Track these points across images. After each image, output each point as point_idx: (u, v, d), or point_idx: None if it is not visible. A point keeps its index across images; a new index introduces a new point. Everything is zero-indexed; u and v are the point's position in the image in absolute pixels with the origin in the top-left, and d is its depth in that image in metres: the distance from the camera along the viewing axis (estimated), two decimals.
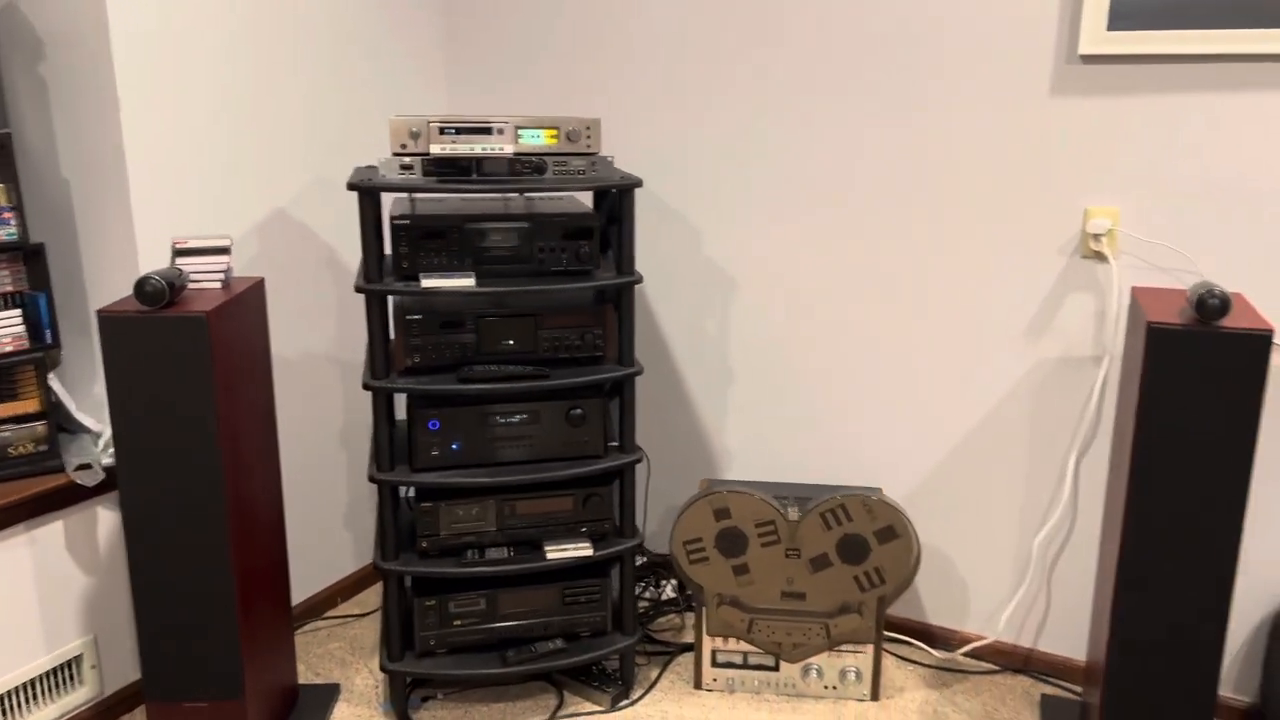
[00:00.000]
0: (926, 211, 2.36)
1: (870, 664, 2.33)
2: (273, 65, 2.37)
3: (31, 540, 2.05)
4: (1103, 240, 2.18)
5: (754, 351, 2.63)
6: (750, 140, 2.51)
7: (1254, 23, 1.98)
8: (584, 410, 2.15)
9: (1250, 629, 2.22)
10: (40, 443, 2.11)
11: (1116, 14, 2.08)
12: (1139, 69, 2.09)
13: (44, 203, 2.19)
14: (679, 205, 2.63)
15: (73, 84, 2.09)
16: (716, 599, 2.32)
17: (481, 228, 2.06)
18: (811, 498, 2.32)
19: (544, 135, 2.04)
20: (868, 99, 2.36)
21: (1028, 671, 2.47)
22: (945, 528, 2.51)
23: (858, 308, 2.48)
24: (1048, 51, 2.17)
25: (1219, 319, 1.70)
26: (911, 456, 2.51)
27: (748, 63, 2.47)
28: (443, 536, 2.16)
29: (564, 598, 2.25)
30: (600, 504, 2.21)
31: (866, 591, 2.27)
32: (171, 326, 1.77)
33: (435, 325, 2.07)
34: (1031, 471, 2.38)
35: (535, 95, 2.76)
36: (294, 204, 2.48)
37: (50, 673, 2.13)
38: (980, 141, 2.27)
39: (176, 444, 1.82)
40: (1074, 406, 2.31)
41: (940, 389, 2.44)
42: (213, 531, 1.87)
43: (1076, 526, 2.36)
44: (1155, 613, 1.83)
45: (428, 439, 2.09)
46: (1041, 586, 2.43)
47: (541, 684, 2.39)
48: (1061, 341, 2.29)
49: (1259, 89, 2.01)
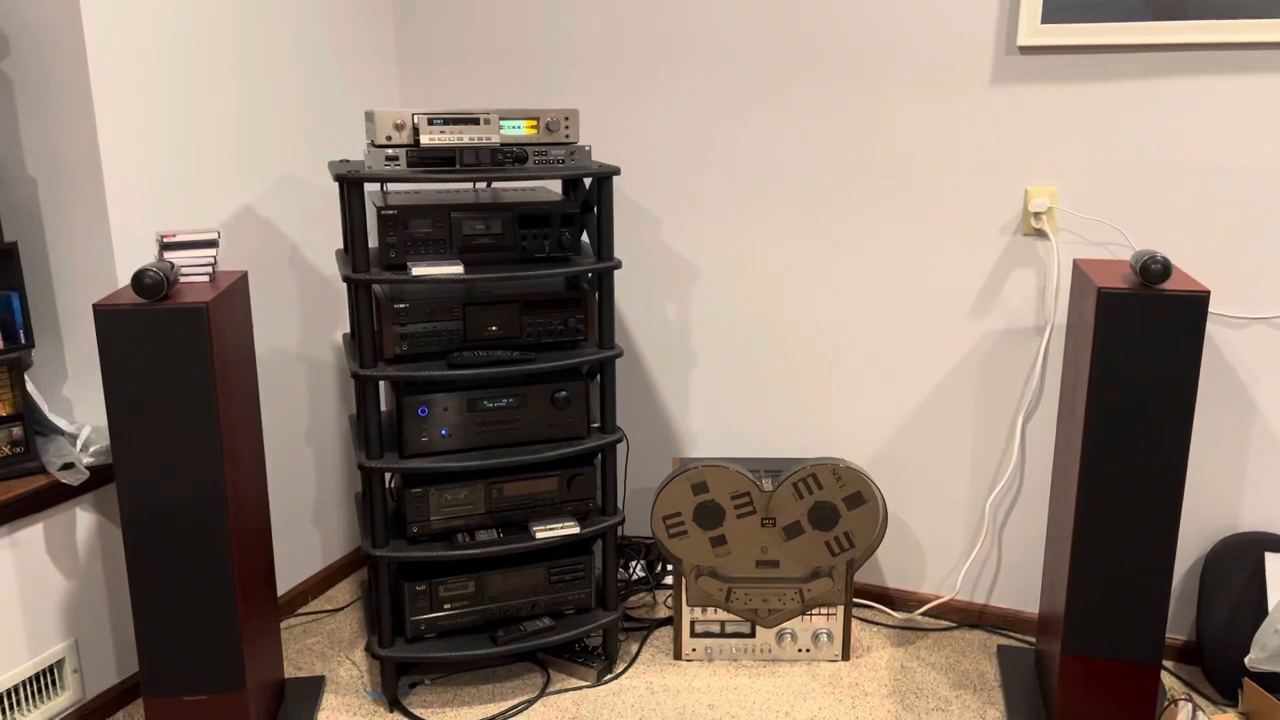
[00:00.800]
0: (876, 197, 2.50)
1: (840, 626, 2.45)
2: (238, 62, 2.37)
3: (13, 543, 2.02)
4: (1043, 218, 2.36)
5: (714, 335, 2.73)
6: (705, 132, 2.62)
7: (1175, 15, 2.17)
8: (568, 393, 2.22)
9: (1184, 572, 2.42)
10: (16, 445, 2.08)
11: (1051, 8, 2.25)
12: (1073, 58, 2.27)
13: (8, 202, 2.16)
14: (636, 196, 2.72)
15: (41, 82, 2.06)
16: (695, 570, 2.42)
17: (467, 216, 2.11)
18: (781, 470, 2.43)
19: (524, 126, 2.10)
20: (818, 92, 2.49)
21: (982, 626, 2.64)
22: (901, 495, 2.66)
23: (813, 289, 2.61)
24: (988, 43, 2.33)
25: (1161, 282, 1.87)
26: (868, 429, 2.65)
27: (700, 58, 2.58)
28: (433, 522, 2.20)
29: (550, 577, 2.32)
30: (584, 483, 2.28)
31: (837, 556, 2.39)
32: (170, 318, 1.77)
33: (423, 313, 2.11)
34: (981, 437, 2.55)
35: (489, 91, 2.81)
36: (259, 201, 2.48)
37: (33, 678, 2.09)
38: (926, 129, 2.42)
39: (175, 437, 1.82)
40: (1019, 374, 2.48)
41: (893, 364, 2.58)
42: (213, 523, 1.87)
43: (1024, 486, 2.53)
44: (1109, 558, 1.99)
45: (417, 425, 2.13)
46: (993, 545, 2.60)
47: (527, 664, 2.45)
48: (1006, 314, 2.46)
49: (1181, 75, 2.20)
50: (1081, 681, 2.06)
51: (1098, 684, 2.05)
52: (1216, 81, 2.18)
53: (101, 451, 2.11)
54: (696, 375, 2.78)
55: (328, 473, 2.82)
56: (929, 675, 2.41)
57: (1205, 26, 2.15)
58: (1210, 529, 2.38)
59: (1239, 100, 2.18)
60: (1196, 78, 2.20)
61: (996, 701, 2.30)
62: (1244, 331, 2.28)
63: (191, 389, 1.81)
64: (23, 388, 2.08)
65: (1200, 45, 2.17)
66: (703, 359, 2.76)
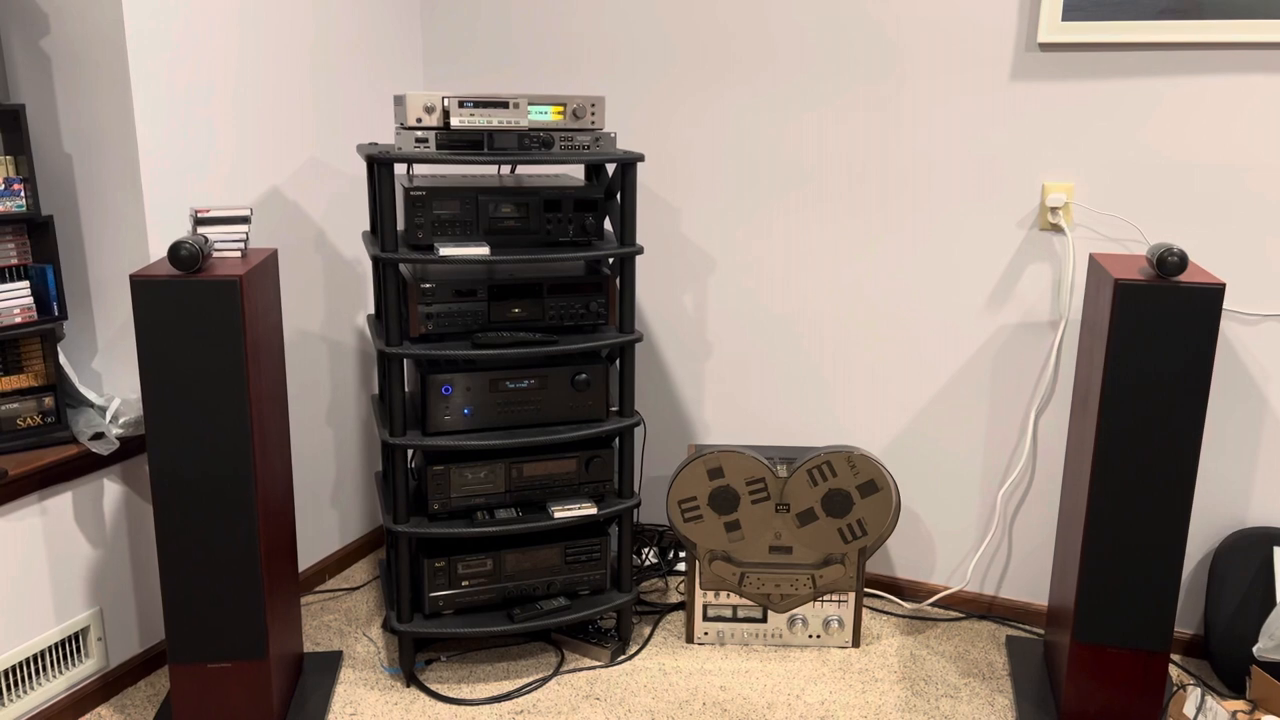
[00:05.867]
0: (894, 190, 2.53)
1: (851, 613, 2.48)
2: (270, 47, 2.42)
3: (43, 510, 2.06)
4: (1059, 213, 2.39)
5: (730, 325, 2.77)
6: (725, 124, 2.65)
7: (1194, 14, 2.20)
8: (588, 375, 2.25)
9: (1192, 566, 2.45)
10: (47, 415, 2.12)
11: (1071, 6, 2.28)
12: (1092, 56, 2.30)
13: (45, 177, 2.20)
14: (655, 186, 2.76)
15: (80, 59, 2.10)
16: (709, 555, 2.45)
17: (494, 199, 2.15)
18: (796, 457, 2.46)
19: (551, 111, 2.14)
20: (841, 86, 2.53)
21: (991, 617, 2.66)
22: (914, 485, 2.69)
23: (829, 281, 2.64)
24: (1009, 41, 2.36)
25: (1177, 275, 1.90)
26: (882, 419, 2.68)
27: (724, 51, 2.61)
28: (453, 499, 2.23)
29: (566, 557, 2.35)
30: (602, 465, 2.32)
31: (849, 543, 2.43)
32: (204, 290, 1.81)
33: (448, 294, 2.15)
34: (994, 429, 2.58)
35: (512, 79, 2.85)
36: (287, 183, 2.52)
37: (58, 645, 2.13)
38: (946, 125, 2.45)
39: (207, 408, 1.86)
40: (1033, 367, 2.51)
41: (908, 356, 2.62)
42: (241, 493, 1.91)
43: (1035, 479, 2.56)
44: (1120, 547, 2.02)
45: (440, 404, 2.17)
46: (1003, 537, 2.63)
47: (541, 643, 2.49)
48: (1021, 308, 2.49)
49: (1199, 74, 2.23)
50: (1091, 669, 2.09)
51: (1107, 672, 2.08)
52: (1234, 80, 2.21)
53: (130, 423, 2.15)
54: (712, 364, 2.81)
55: (347, 454, 2.86)
56: (938, 663, 2.44)
57: (1224, 26, 2.18)
58: (1219, 523, 2.41)
59: (1256, 99, 2.21)
60: (1214, 76, 2.23)
61: (1005, 690, 2.33)
62: (1257, 328, 2.30)
63: (223, 360, 1.85)
64: (55, 359, 2.12)
65: (1219, 44, 2.20)
66: (718, 348, 2.79)
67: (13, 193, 2.03)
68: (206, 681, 2.00)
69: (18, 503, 2.01)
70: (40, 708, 2.10)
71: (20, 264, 2.10)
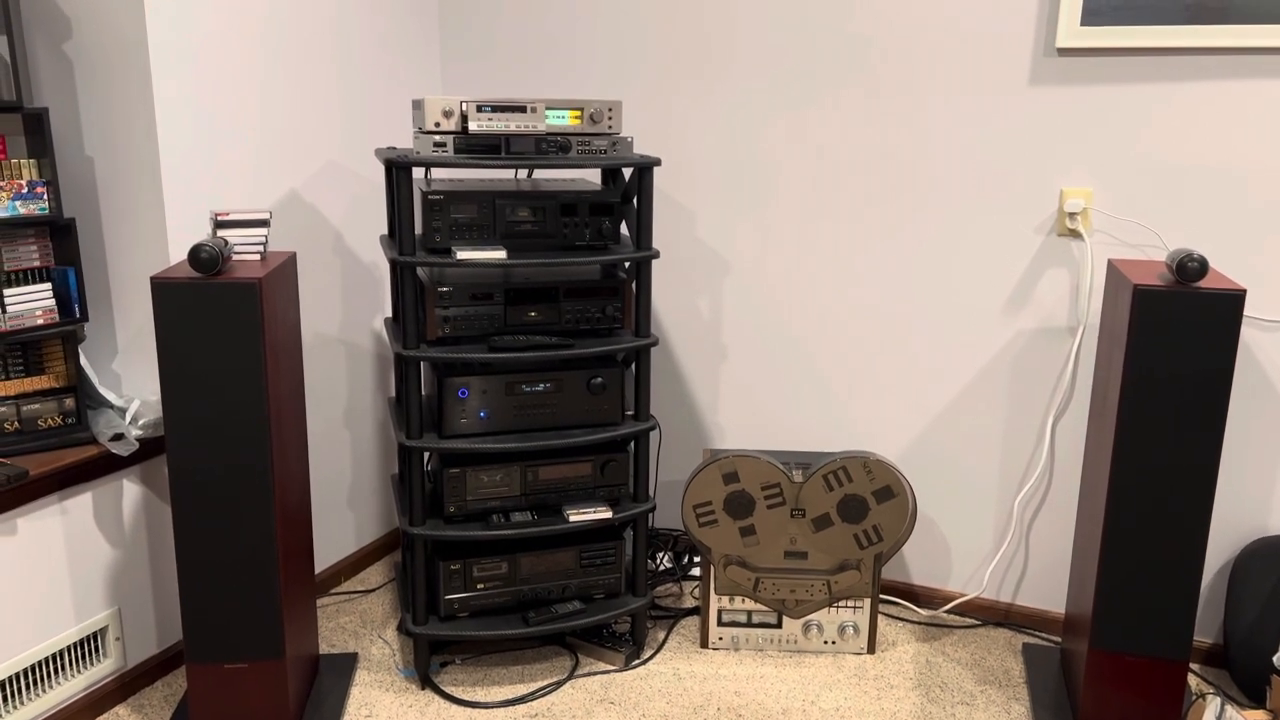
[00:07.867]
0: (913, 194, 2.53)
1: (867, 619, 2.47)
2: (290, 51, 2.43)
3: (63, 510, 2.08)
4: (1077, 219, 2.38)
5: (745, 330, 2.77)
6: (741, 129, 2.65)
7: (1213, 20, 2.19)
8: (604, 379, 2.25)
9: (1211, 575, 2.43)
10: (68, 415, 2.14)
11: (1089, 10, 2.27)
12: (1111, 61, 2.29)
13: (66, 180, 2.22)
14: (672, 191, 2.76)
15: (101, 63, 2.12)
16: (724, 559, 2.45)
17: (511, 203, 2.15)
18: (812, 462, 2.46)
19: (569, 116, 2.14)
20: (857, 90, 2.52)
21: (1008, 625, 2.65)
22: (930, 492, 2.68)
23: (846, 286, 2.64)
24: (1027, 45, 2.35)
25: (1198, 280, 1.89)
26: (898, 425, 2.67)
27: (741, 56, 2.62)
28: (469, 502, 2.24)
29: (581, 560, 2.35)
30: (618, 469, 2.32)
31: (865, 549, 2.42)
32: (224, 293, 1.83)
33: (465, 297, 2.15)
34: (1011, 436, 2.56)
35: (529, 83, 2.86)
36: (305, 187, 2.54)
37: (77, 644, 2.15)
38: (964, 129, 2.45)
39: (226, 410, 1.88)
40: (1051, 374, 2.49)
41: (925, 361, 2.61)
42: (259, 496, 1.92)
43: (1053, 486, 2.55)
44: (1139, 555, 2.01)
45: (457, 407, 2.18)
46: (1020, 544, 2.61)
47: (555, 647, 2.49)
48: (1038, 314, 2.48)
49: (1218, 79, 2.22)
50: (1108, 677, 2.07)
51: (1124, 680, 2.07)
52: (1254, 86, 2.20)
53: (150, 425, 2.16)
54: (727, 369, 2.81)
55: (363, 457, 2.87)
56: (954, 670, 2.43)
57: (1243, 31, 2.17)
58: (1240, 531, 2.39)
59: (1276, 105, 2.19)
60: (1234, 81, 2.21)
61: (1022, 697, 2.31)
62: (1277, 335, 2.29)
63: (242, 362, 1.86)
64: (76, 360, 2.14)
65: (1238, 49, 2.19)
66: (733, 352, 2.79)
67: (35, 195, 2.05)
68: (223, 681, 2.01)
69: (38, 503, 2.03)
70: (59, 707, 2.12)
71: (43, 266, 2.12)
